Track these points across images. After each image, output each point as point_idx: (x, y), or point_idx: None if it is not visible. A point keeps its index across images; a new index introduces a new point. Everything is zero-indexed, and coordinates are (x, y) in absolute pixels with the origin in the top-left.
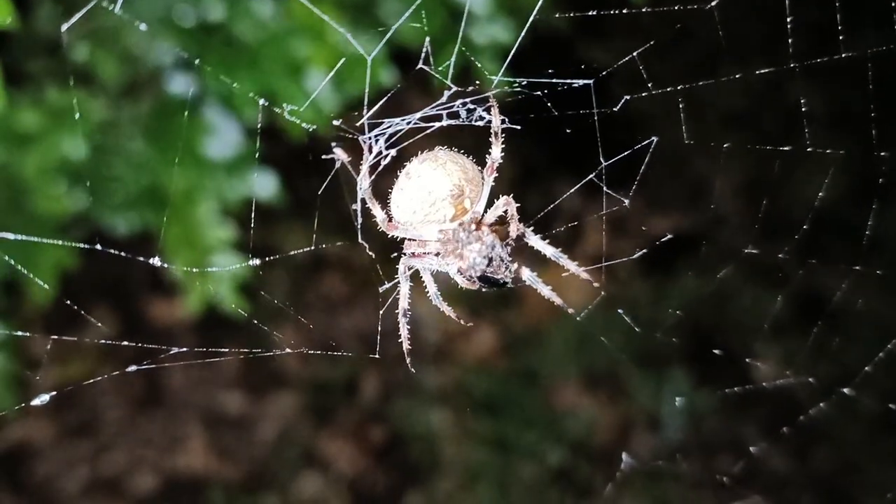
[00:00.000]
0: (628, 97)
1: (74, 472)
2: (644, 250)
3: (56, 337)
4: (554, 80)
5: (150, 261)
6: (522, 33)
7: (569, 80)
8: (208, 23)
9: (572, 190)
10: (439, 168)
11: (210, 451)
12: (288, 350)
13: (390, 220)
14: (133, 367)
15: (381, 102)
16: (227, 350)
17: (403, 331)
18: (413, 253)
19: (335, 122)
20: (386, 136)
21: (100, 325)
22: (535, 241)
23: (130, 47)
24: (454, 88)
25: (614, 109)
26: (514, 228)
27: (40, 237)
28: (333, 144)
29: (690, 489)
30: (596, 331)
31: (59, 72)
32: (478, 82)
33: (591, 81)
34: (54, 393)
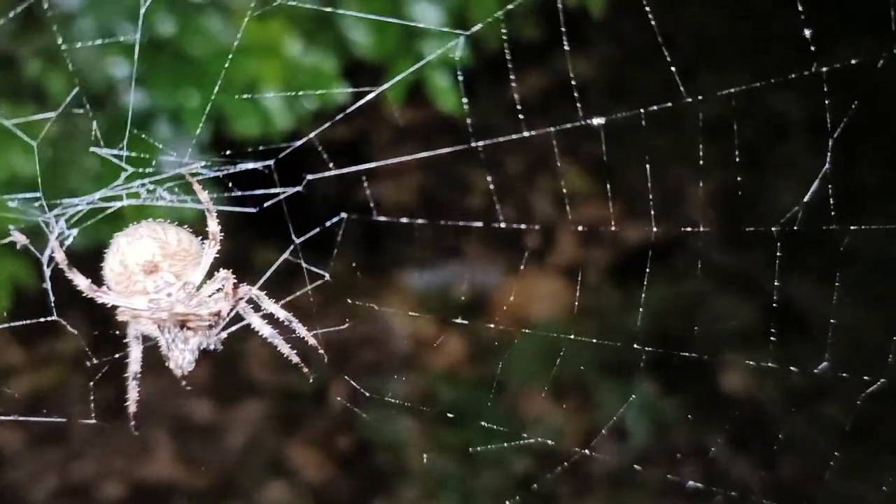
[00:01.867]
0: (311, 176)
1: (43, 479)
2: None
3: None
4: (234, 163)
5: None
6: None
7: (248, 163)
8: (158, 38)
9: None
10: (134, 242)
11: (177, 459)
12: None
13: (99, 287)
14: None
15: None
16: None
17: (133, 394)
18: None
19: (10, 205)
20: (67, 215)
21: (75, 332)
22: (269, 305)
23: (80, 64)
24: (130, 170)
25: (300, 189)
26: (226, 306)
27: None
28: (11, 227)
29: (655, 497)
30: (564, 340)
31: (11, 87)
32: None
33: (271, 162)
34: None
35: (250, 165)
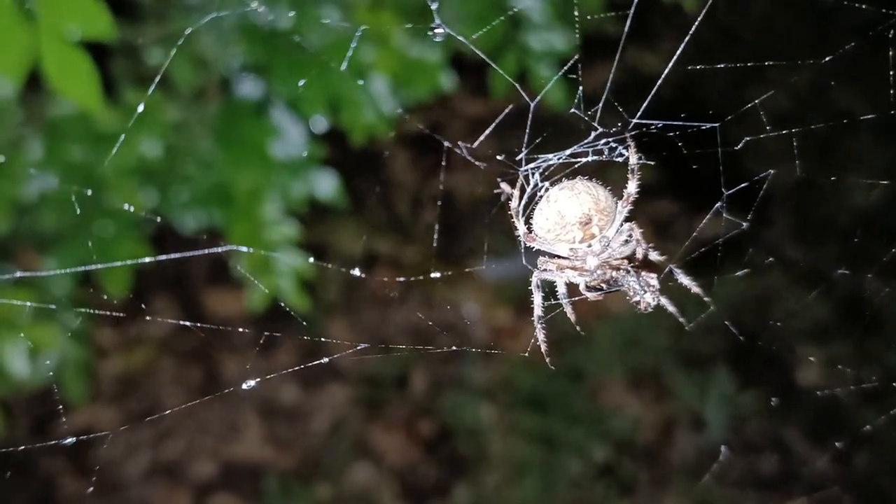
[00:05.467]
0: (749, 138)
1: (137, 457)
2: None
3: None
4: (685, 124)
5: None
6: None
7: (697, 124)
8: (277, 29)
9: (706, 219)
10: (573, 197)
11: (266, 440)
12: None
13: (529, 232)
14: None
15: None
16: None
17: (540, 335)
18: (545, 269)
19: (498, 157)
20: (540, 169)
21: (158, 318)
22: (656, 258)
23: (202, 52)
24: (599, 129)
25: (736, 149)
26: (640, 251)
27: (116, 232)
28: (499, 179)
29: (733, 489)
30: (642, 330)
31: (136, 74)
32: (619, 124)
33: (717, 125)
34: (259, 380)
35: (698, 125)
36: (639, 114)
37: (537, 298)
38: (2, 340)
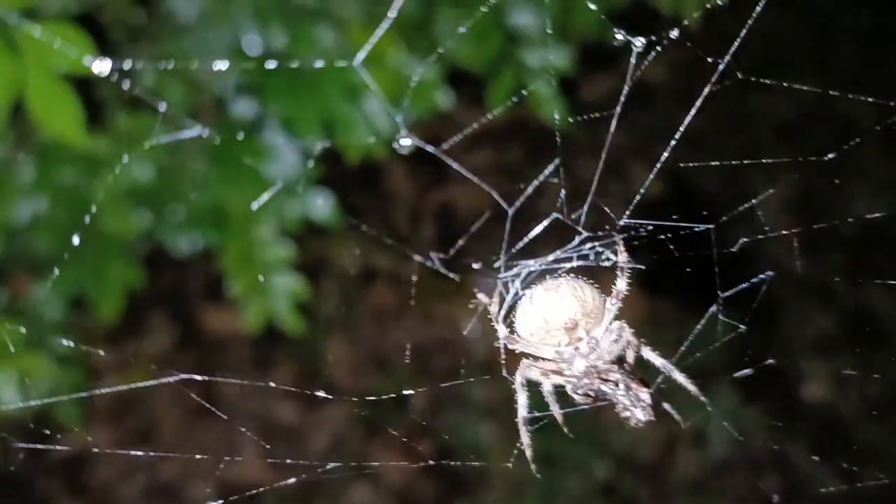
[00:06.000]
0: (745, 239)
1: (133, 478)
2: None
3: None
4: (677, 224)
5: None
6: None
7: (691, 225)
8: (271, 51)
9: (700, 324)
10: (558, 300)
11: (264, 459)
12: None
13: (511, 333)
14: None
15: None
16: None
17: (525, 438)
18: (529, 369)
19: (474, 266)
20: (521, 276)
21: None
22: (649, 355)
23: (195, 74)
24: (584, 234)
25: (732, 250)
26: (631, 352)
27: (108, 256)
28: (475, 289)
29: None
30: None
31: (127, 96)
32: (607, 227)
33: (711, 226)
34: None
35: (692, 226)
36: (626, 214)
37: (521, 398)
38: None
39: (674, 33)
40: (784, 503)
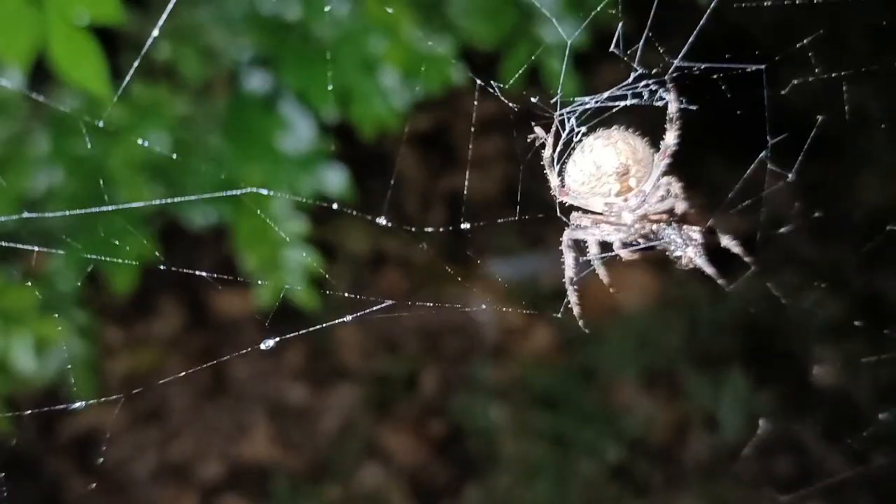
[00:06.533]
0: (796, 81)
1: (144, 458)
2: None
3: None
4: (728, 66)
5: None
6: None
7: (742, 65)
8: (286, 21)
9: (750, 169)
10: (610, 146)
11: (274, 440)
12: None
13: (562, 186)
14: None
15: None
16: None
17: (573, 297)
18: (578, 225)
19: (532, 100)
20: (577, 113)
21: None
22: (693, 214)
23: (210, 45)
24: (640, 70)
25: (783, 92)
26: (680, 206)
27: (122, 229)
28: (533, 124)
29: (748, 489)
30: (654, 329)
31: (143, 67)
32: (661, 65)
33: (763, 66)
34: (277, 339)
35: (743, 66)
36: (680, 55)
37: (569, 259)
38: (9, 335)
39: None
40: (796, 486)
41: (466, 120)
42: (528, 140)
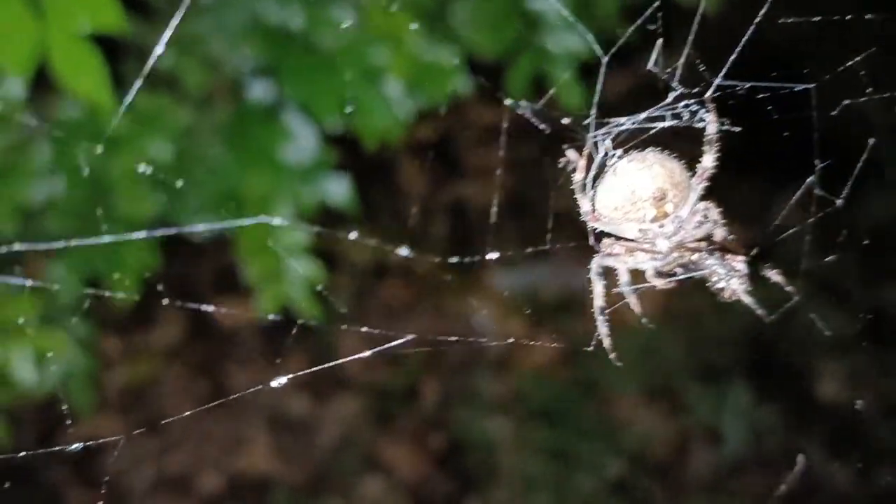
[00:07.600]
0: (848, 101)
1: (142, 469)
2: None
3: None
4: (774, 84)
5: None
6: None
7: (790, 84)
8: (289, 31)
9: (796, 196)
10: (645, 169)
11: (274, 452)
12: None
13: (593, 211)
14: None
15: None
16: None
17: (602, 328)
18: (608, 253)
19: (564, 121)
20: (612, 135)
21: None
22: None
23: (213, 54)
24: (680, 90)
25: (833, 113)
26: (719, 233)
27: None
28: (565, 146)
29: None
30: (657, 342)
31: (145, 77)
32: (703, 84)
33: (811, 86)
34: (291, 376)
35: (791, 86)
36: (721, 73)
37: (598, 287)
38: (8, 347)
39: None
40: (800, 501)
41: (472, 129)
42: (560, 165)
